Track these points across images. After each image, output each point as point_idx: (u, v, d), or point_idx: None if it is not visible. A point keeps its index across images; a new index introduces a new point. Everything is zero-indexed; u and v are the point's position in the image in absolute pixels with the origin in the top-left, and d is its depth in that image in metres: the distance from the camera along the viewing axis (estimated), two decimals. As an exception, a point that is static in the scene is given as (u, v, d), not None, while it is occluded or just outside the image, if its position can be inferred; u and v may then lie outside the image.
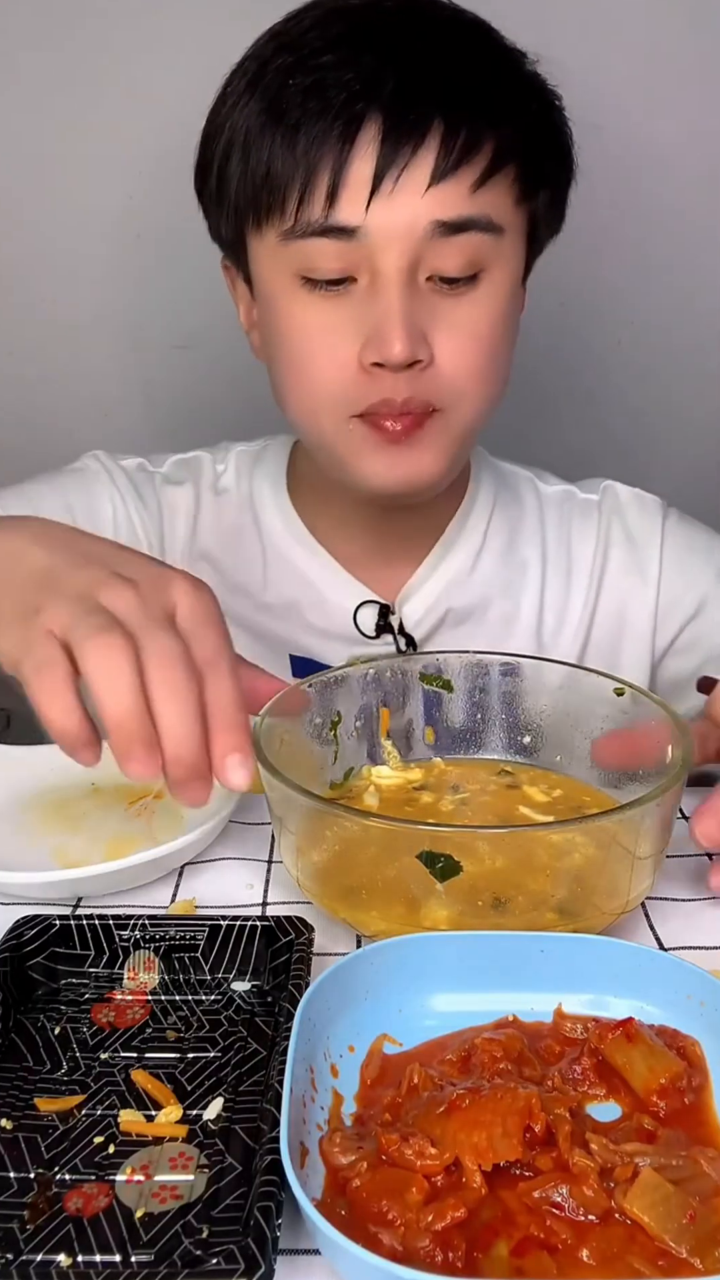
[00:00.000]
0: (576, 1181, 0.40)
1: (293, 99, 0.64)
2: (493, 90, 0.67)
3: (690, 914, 0.59)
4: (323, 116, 0.63)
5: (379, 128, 0.63)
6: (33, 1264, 0.37)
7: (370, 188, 0.63)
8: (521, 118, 0.68)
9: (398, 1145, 0.41)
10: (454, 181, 0.65)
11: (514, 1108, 0.41)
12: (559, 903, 0.53)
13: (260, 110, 0.66)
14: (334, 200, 0.64)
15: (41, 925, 0.52)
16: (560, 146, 0.73)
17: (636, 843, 0.53)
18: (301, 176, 0.64)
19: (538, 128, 0.70)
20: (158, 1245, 0.39)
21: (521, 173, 0.69)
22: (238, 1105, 0.45)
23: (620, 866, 0.53)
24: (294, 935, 0.51)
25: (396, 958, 0.49)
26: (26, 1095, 0.46)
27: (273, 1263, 0.37)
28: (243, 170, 0.67)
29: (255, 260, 0.71)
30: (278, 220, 0.66)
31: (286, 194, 0.65)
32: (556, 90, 0.72)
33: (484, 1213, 0.39)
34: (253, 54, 0.69)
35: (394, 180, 0.63)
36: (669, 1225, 0.38)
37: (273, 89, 0.65)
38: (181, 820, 0.66)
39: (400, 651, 0.82)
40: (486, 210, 0.67)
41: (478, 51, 0.68)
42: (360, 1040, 0.48)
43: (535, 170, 0.70)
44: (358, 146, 0.63)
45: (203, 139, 0.72)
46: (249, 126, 0.66)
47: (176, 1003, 0.51)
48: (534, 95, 0.71)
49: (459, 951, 0.50)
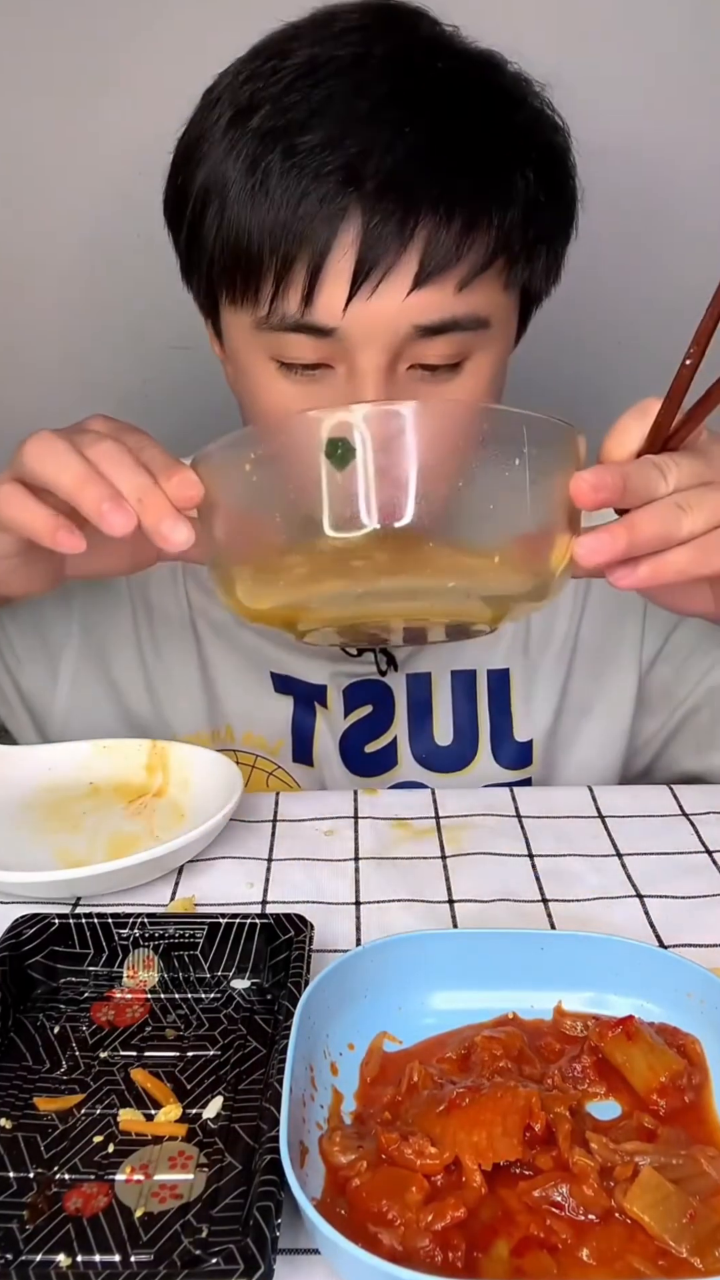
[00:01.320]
0: (576, 1181, 0.40)
1: (273, 169, 0.59)
2: (491, 169, 0.60)
3: (690, 911, 0.59)
4: (304, 200, 0.58)
5: (359, 226, 0.58)
6: (32, 1264, 0.37)
7: (348, 291, 0.59)
8: (521, 197, 0.61)
9: (397, 1144, 0.41)
10: (438, 284, 0.59)
11: (514, 1107, 0.41)
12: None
13: (240, 169, 0.60)
14: (310, 299, 0.59)
15: (41, 924, 0.52)
16: (564, 204, 0.66)
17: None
18: (276, 265, 0.60)
19: (539, 201, 0.63)
20: (157, 1245, 0.38)
21: (514, 257, 0.63)
22: (237, 1104, 0.45)
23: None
24: (293, 933, 0.51)
25: (396, 955, 0.49)
26: (26, 1094, 0.46)
27: (272, 1263, 0.36)
28: (218, 226, 0.62)
29: (229, 327, 0.66)
30: (252, 305, 0.62)
31: (261, 280, 0.61)
32: (564, 127, 0.65)
33: (484, 1212, 0.39)
34: (232, 87, 0.62)
35: (373, 286, 0.59)
36: (669, 1225, 0.38)
37: (253, 147, 0.60)
38: (181, 819, 0.66)
39: (381, 672, 0.81)
40: (473, 309, 0.61)
41: (476, 118, 0.61)
42: (360, 1038, 0.48)
43: (530, 248, 0.63)
44: (337, 243, 0.58)
45: (179, 160, 0.66)
46: (228, 180, 0.61)
47: (176, 1001, 0.51)
48: (539, 152, 0.63)
49: (459, 949, 0.50)
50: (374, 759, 0.82)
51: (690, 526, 0.51)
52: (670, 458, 0.52)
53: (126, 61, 1.00)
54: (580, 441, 0.51)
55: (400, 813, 0.69)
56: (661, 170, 1.07)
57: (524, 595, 0.52)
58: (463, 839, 0.66)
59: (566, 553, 0.51)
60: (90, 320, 1.11)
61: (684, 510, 0.51)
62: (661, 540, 0.51)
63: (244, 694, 0.82)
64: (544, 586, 0.52)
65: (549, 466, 0.50)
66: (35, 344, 1.12)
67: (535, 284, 0.67)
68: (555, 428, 0.50)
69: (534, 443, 0.49)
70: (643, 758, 0.87)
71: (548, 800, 0.71)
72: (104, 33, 0.99)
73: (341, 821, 0.68)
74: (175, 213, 0.67)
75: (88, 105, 1.01)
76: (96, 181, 1.04)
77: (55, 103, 1.02)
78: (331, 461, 0.49)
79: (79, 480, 0.53)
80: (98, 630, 0.82)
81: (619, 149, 1.02)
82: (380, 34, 0.61)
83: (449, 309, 0.60)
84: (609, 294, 1.09)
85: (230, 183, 0.60)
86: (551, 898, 0.60)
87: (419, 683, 0.82)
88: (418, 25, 0.63)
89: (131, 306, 1.10)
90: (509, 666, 0.83)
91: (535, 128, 0.64)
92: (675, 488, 0.52)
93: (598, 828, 0.67)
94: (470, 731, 0.82)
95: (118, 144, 1.01)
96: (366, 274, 0.58)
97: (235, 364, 0.68)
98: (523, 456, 0.49)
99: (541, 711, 0.83)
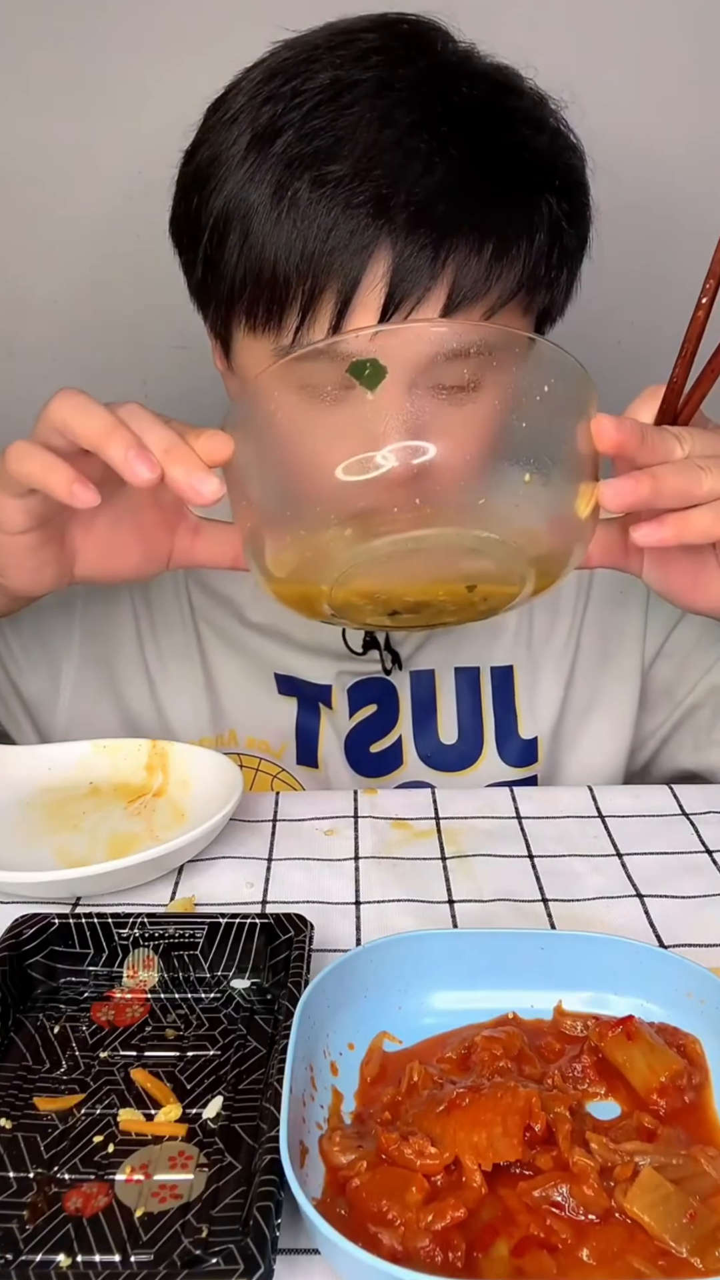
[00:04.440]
0: (576, 1181, 0.40)
1: (300, 198, 0.58)
2: (519, 197, 0.60)
3: (690, 911, 0.59)
4: (334, 231, 0.58)
5: (390, 258, 0.57)
6: (32, 1264, 0.37)
7: (377, 322, 0.58)
8: (546, 221, 0.61)
9: (397, 1144, 0.41)
10: (464, 314, 0.59)
11: (514, 1106, 0.41)
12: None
13: (264, 196, 0.59)
14: (338, 331, 0.59)
15: (40, 924, 0.52)
16: (583, 224, 0.65)
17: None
18: (304, 297, 0.59)
19: (561, 225, 0.62)
20: (157, 1245, 0.38)
21: (538, 283, 0.62)
22: (237, 1104, 0.45)
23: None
24: (293, 933, 0.51)
25: (396, 955, 0.49)
26: (26, 1094, 0.46)
27: (272, 1263, 0.36)
28: (239, 253, 0.61)
29: (244, 353, 0.65)
30: (274, 335, 0.61)
31: (286, 310, 0.60)
32: (580, 146, 0.65)
33: (484, 1212, 0.39)
34: (250, 107, 0.61)
35: (402, 317, 0.58)
36: (669, 1225, 0.38)
37: (278, 174, 0.59)
38: (182, 819, 0.66)
39: (385, 670, 0.81)
40: None
41: (502, 145, 0.60)
42: (360, 1038, 0.48)
43: (554, 272, 0.63)
44: (367, 275, 0.58)
45: (191, 181, 0.64)
46: (251, 206, 0.60)
47: (176, 1001, 0.51)
48: (561, 176, 0.63)
49: (459, 949, 0.50)
50: (379, 759, 0.82)
51: (711, 485, 0.52)
52: (684, 430, 0.54)
53: (128, 61, 1.00)
54: (595, 394, 0.52)
55: (400, 813, 0.69)
56: (663, 168, 1.07)
57: (551, 550, 0.53)
58: (463, 839, 0.66)
59: (591, 498, 0.52)
60: (90, 320, 1.11)
61: (704, 470, 0.52)
62: (683, 495, 0.52)
63: (247, 697, 0.82)
64: (570, 538, 0.53)
65: (570, 406, 0.51)
66: (35, 344, 1.12)
67: (554, 308, 0.67)
68: (576, 370, 0.51)
69: (558, 377, 0.51)
70: (642, 754, 0.87)
71: (548, 800, 0.71)
72: (106, 33, 0.99)
73: (342, 821, 0.68)
74: (187, 236, 0.65)
75: (89, 105, 1.02)
76: (97, 181, 1.04)
77: (56, 102, 1.02)
78: (361, 381, 0.49)
79: (106, 429, 0.53)
80: (100, 636, 0.82)
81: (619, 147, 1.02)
82: (402, 57, 0.60)
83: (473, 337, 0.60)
84: (609, 294, 1.09)
85: (254, 209, 0.60)
86: (551, 898, 0.60)
87: (423, 680, 0.82)
88: (437, 46, 0.62)
89: (131, 306, 1.10)
90: (513, 663, 0.83)
91: (556, 150, 0.63)
92: (690, 454, 0.53)
93: (598, 828, 0.67)
94: (475, 729, 0.82)
95: (118, 144, 1.01)
96: (396, 306, 0.58)
97: (245, 386, 0.66)
98: (550, 387, 0.51)
99: (546, 708, 0.83)
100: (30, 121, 1.03)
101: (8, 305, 1.11)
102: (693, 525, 0.53)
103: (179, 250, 0.68)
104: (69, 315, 1.11)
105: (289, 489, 0.54)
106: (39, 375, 1.12)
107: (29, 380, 1.12)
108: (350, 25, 0.62)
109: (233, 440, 0.53)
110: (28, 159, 1.04)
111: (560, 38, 1.00)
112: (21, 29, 1.00)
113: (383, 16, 0.63)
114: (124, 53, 1.00)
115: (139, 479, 0.52)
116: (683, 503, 0.53)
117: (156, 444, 0.53)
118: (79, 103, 1.02)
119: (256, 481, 0.54)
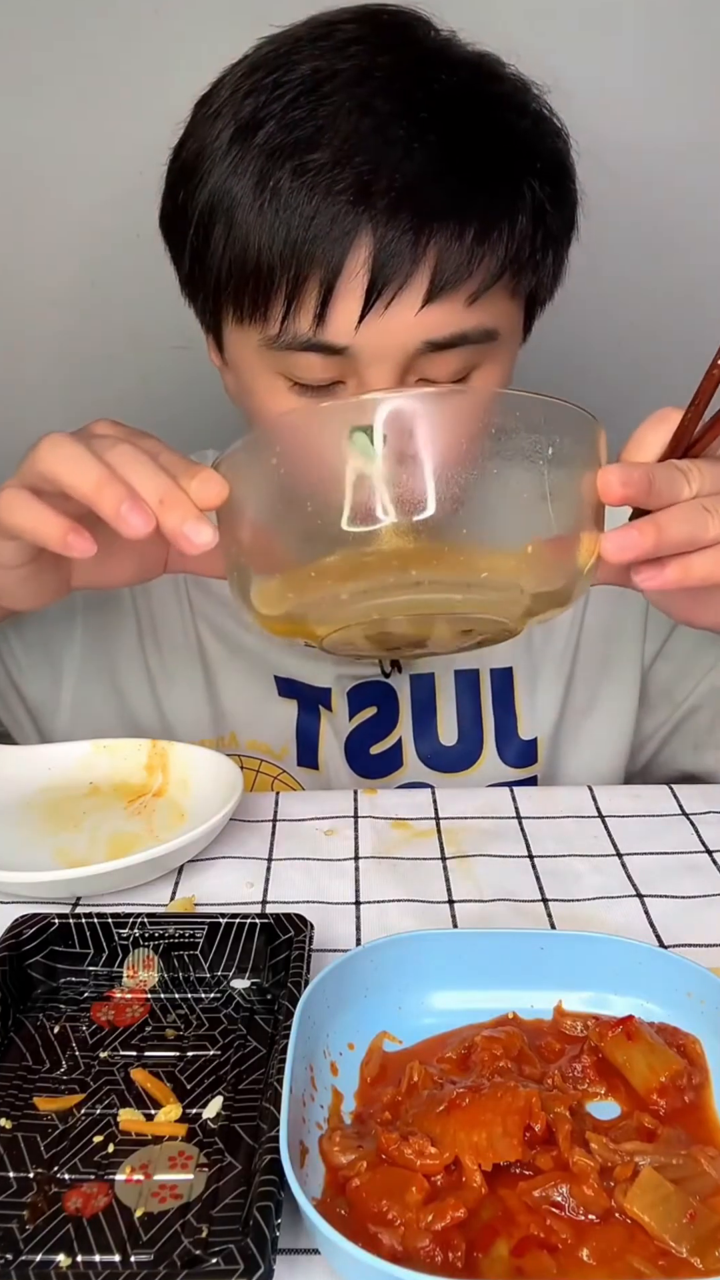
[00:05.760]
0: (576, 1181, 0.40)
1: (281, 187, 0.59)
2: (500, 181, 0.60)
3: (690, 911, 0.59)
4: (316, 219, 0.58)
5: (371, 244, 0.58)
6: (32, 1264, 0.37)
7: (361, 309, 0.59)
8: (529, 205, 0.61)
9: (397, 1144, 0.41)
10: (449, 298, 0.59)
11: (514, 1107, 0.41)
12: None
13: (247, 187, 0.60)
14: (322, 318, 0.60)
15: (40, 924, 0.52)
16: (567, 208, 0.65)
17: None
18: (288, 285, 0.59)
19: (545, 208, 0.63)
20: (157, 1245, 0.38)
21: (523, 266, 0.63)
22: (237, 1104, 0.45)
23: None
24: (293, 932, 0.51)
25: (396, 955, 0.49)
26: (26, 1094, 0.46)
27: (272, 1263, 0.36)
28: (225, 244, 0.61)
29: (234, 344, 0.66)
30: (260, 324, 0.62)
31: (271, 300, 0.60)
32: (564, 130, 0.65)
33: (484, 1212, 0.39)
34: (232, 101, 0.61)
35: (385, 303, 0.59)
36: (669, 1225, 0.38)
37: (259, 164, 0.59)
38: (182, 819, 0.66)
39: (385, 673, 0.81)
40: (482, 322, 0.61)
41: (482, 130, 0.61)
42: (360, 1038, 0.48)
43: (538, 255, 0.64)
44: (349, 262, 0.58)
45: (178, 175, 0.65)
46: (234, 198, 0.60)
47: (176, 1001, 0.51)
48: (544, 159, 0.63)
49: (459, 949, 0.50)
50: (379, 761, 0.82)
51: (717, 530, 0.51)
52: (693, 463, 0.52)
53: (126, 61, 1.00)
54: (602, 436, 0.51)
55: (400, 813, 0.69)
56: (663, 167, 1.07)
57: (551, 592, 0.52)
58: (463, 839, 0.66)
59: (593, 550, 0.51)
60: (90, 319, 1.11)
61: (710, 513, 0.51)
62: (689, 541, 0.51)
63: (248, 699, 0.82)
64: (570, 587, 0.52)
65: (575, 460, 0.50)
66: (35, 343, 1.12)
67: (541, 291, 0.67)
68: (582, 420, 0.50)
69: (562, 433, 0.49)
70: (642, 755, 0.87)
71: (548, 800, 0.71)
72: (104, 33, 0.99)
73: (342, 821, 0.68)
74: (176, 230, 0.66)
75: (88, 104, 1.02)
76: (96, 181, 1.04)
77: (56, 102, 1.02)
78: (359, 450, 0.49)
79: (98, 482, 0.52)
80: (101, 639, 0.82)
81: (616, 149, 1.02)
82: (381, 46, 0.60)
83: (459, 323, 0.61)
84: (609, 294, 1.09)
85: (237, 201, 0.60)
86: (551, 898, 0.60)
87: (422, 683, 0.82)
88: (417, 35, 0.63)
89: (131, 306, 1.10)
90: (512, 665, 0.83)
91: (538, 134, 0.64)
92: (698, 493, 0.51)
93: (598, 828, 0.67)
94: (475, 730, 0.82)
95: (118, 143, 1.01)
96: (379, 291, 0.58)
97: (240, 379, 0.67)
98: (554, 446, 0.49)
99: (546, 709, 0.83)
100: (30, 121, 1.03)
101: (7, 305, 1.11)
102: (694, 572, 0.52)
103: (169, 245, 0.68)
104: (69, 315, 1.11)
105: (286, 538, 0.53)
106: (39, 375, 1.12)
107: (29, 380, 1.12)
108: (331, 17, 0.63)
109: (227, 484, 0.52)
110: (27, 159, 1.04)
111: (557, 28, 0.99)
112: (21, 29, 1.00)
113: (364, 7, 0.63)
114: (124, 53, 1.00)
115: (133, 533, 0.51)
116: (688, 548, 0.51)
117: (151, 493, 0.52)
118: (79, 103, 1.02)
119: (249, 526, 0.53)
